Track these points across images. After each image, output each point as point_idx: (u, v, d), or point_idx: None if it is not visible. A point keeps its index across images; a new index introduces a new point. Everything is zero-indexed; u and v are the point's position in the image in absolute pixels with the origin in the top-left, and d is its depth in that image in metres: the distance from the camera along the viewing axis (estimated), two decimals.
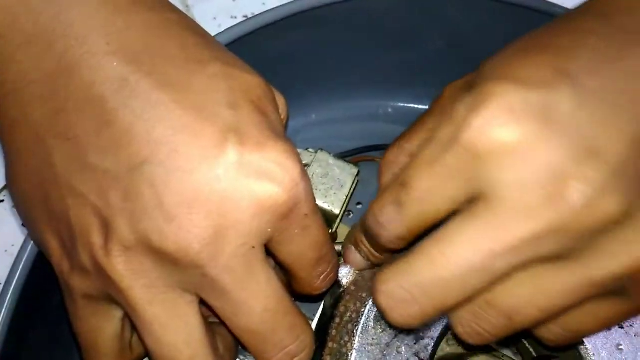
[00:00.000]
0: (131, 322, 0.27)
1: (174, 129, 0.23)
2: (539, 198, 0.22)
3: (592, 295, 0.24)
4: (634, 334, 0.34)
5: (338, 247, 0.34)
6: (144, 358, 0.31)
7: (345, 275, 0.33)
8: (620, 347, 0.34)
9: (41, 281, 0.32)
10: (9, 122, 0.26)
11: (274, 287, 0.26)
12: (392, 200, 0.25)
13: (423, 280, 0.24)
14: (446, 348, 0.39)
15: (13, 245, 0.42)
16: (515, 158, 0.22)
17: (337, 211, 0.35)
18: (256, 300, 0.25)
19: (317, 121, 0.45)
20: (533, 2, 0.39)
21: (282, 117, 0.28)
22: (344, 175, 0.36)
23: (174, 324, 0.25)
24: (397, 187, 0.25)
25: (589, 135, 0.22)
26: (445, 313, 0.25)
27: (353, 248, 0.30)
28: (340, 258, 0.34)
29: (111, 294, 0.26)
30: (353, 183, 0.36)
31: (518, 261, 0.23)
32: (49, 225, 0.26)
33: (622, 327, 0.34)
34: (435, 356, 0.38)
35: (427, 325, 0.31)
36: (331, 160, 0.36)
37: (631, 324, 0.34)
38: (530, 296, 0.24)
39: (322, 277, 0.28)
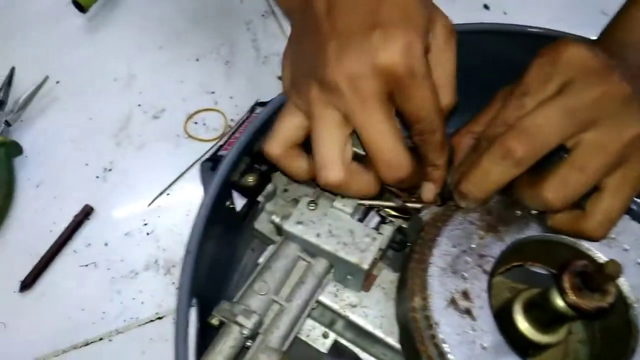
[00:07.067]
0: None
1: (350, 21, 0.38)
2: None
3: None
4: None
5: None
6: None
7: (425, 214, 0.44)
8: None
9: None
10: (292, 22, 0.44)
11: (387, 121, 0.38)
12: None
13: None
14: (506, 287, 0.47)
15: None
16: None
17: None
18: (372, 124, 0.38)
19: None
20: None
21: None
22: None
23: (329, 134, 0.39)
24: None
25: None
26: None
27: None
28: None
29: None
30: None
31: None
32: (292, 89, 0.42)
33: None
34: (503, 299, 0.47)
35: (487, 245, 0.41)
36: None
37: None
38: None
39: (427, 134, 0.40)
